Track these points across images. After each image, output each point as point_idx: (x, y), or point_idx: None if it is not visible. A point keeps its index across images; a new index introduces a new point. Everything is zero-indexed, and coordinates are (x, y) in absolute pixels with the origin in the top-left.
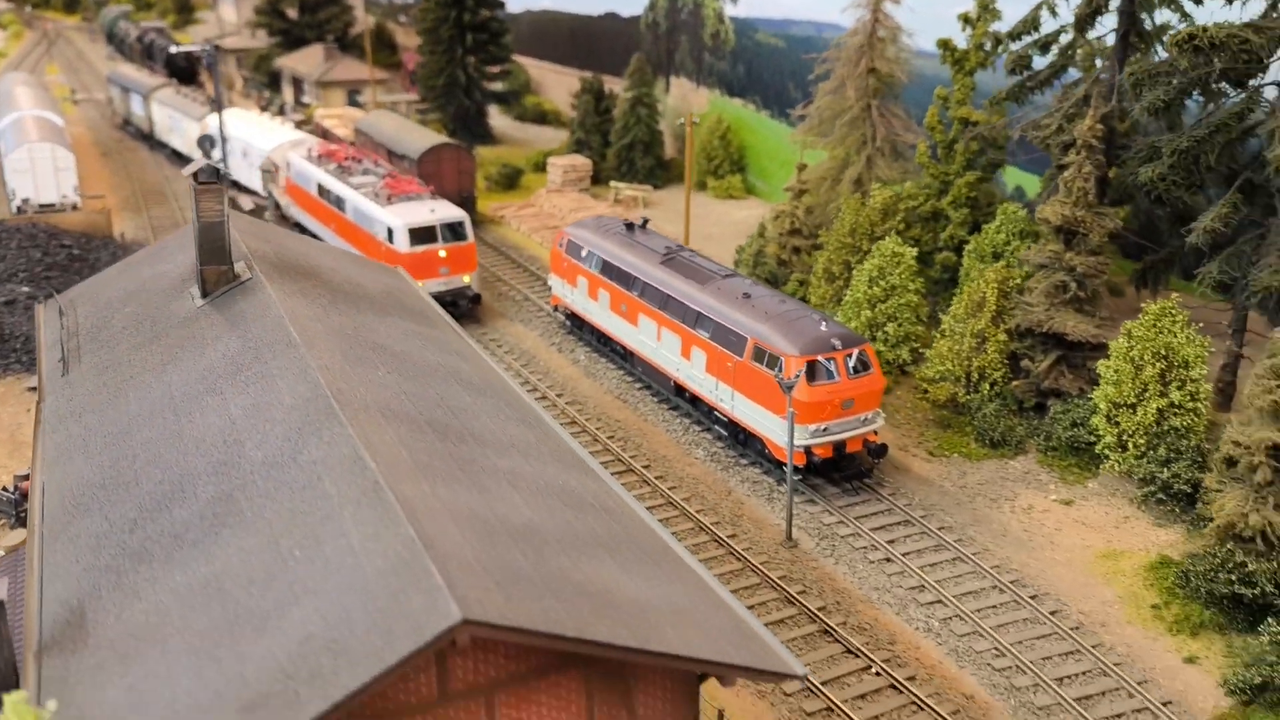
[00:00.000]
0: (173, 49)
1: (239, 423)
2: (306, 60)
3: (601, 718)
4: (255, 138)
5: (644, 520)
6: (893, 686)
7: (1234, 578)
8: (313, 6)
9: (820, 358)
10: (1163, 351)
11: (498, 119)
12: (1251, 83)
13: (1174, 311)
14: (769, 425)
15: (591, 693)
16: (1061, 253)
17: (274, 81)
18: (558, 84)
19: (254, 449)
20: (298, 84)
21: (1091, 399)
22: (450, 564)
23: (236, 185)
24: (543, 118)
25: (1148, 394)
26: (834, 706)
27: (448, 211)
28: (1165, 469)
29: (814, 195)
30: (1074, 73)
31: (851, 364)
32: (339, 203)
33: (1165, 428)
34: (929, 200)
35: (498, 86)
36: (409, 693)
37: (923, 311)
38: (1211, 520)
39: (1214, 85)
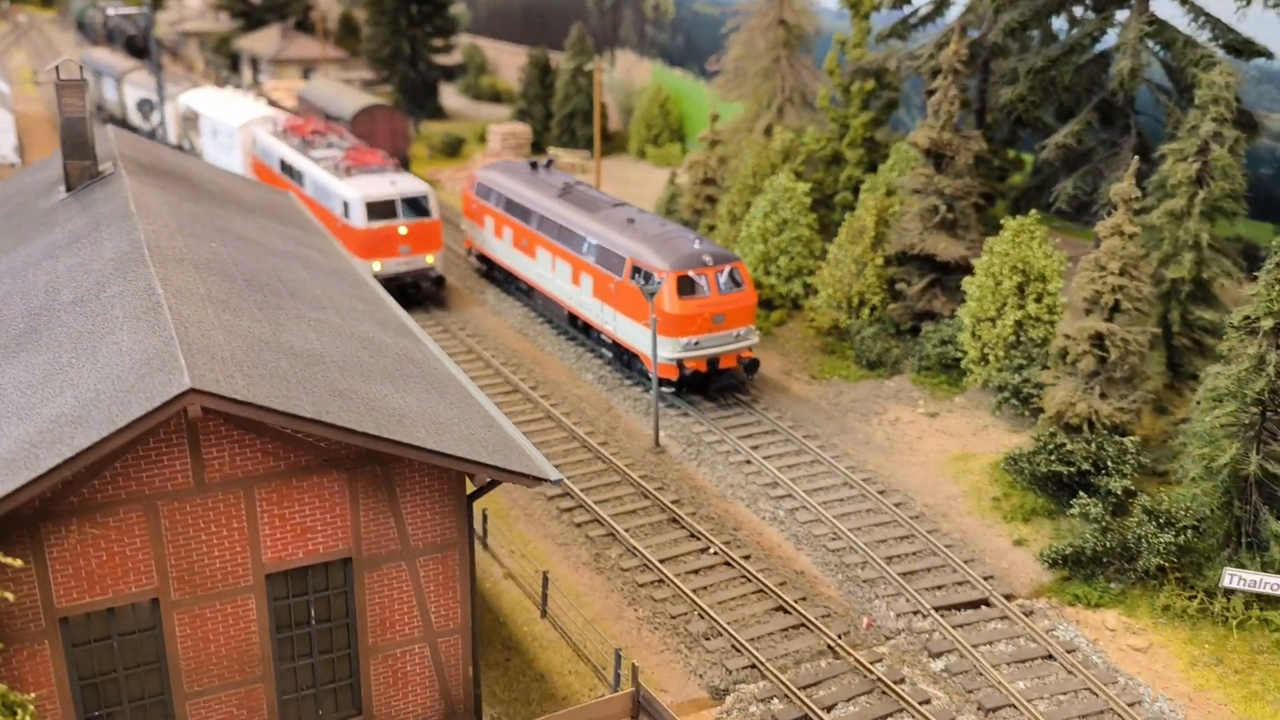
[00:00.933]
0: (121, 20)
1: (61, 276)
2: (264, 41)
3: (366, 520)
4: (225, 115)
5: (450, 372)
6: (726, 563)
7: (1054, 458)
8: None
9: (691, 273)
10: (1020, 266)
11: (454, 99)
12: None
13: (1032, 228)
14: (647, 342)
15: (356, 496)
16: (932, 176)
17: (235, 63)
18: (512, 64)
19: (67, 293)
20: (255, 63)
21: (959, 317)
22: (199, 355)
23: None
24: (496, 96)
25: (1007, 307)
26: (665, 579)
27: (410, 185)
28: (1017, 375)
29: (728, 146)
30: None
31: (723, 280)
32: (299, 178)
33: (1022, 339)
34: (829, 144)
35: (445, 60)
36: (164, 478)
37: (815, 246)
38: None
39: (1072, 8)
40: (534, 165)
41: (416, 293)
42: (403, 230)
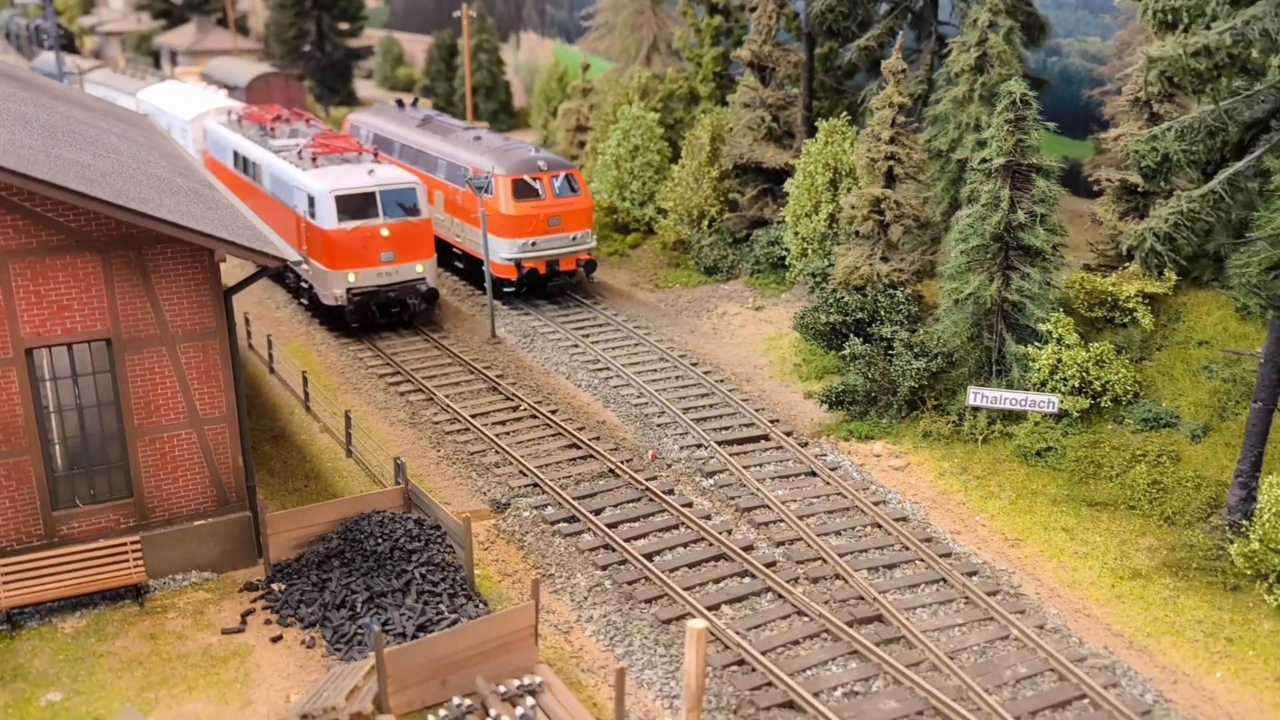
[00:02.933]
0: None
1: None
2: (181, 36)
3: (123, 303)
4: (177, 108)
5: (233, 203)
6: (533, 416)
7: (832, 310)
8: None
9: (526, 177)
10: (831, 163)
11: (371, 90)
12: None
13: (843, 129)
14: (490, 247)
15: (110, 278)
16: (757, 89)
17: (156, 59)
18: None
19: None
20: (174, 56)
21: (783, 217)
22: None
23: None
24: (411, 86)
25: (821, 202)
26: (471, 427)
27: (392, 175)
28: (826, 260)
29: (598, 95)
30: None
31: (558, 185)
32: (255, 172)
33: (835, 229)
34: (685, 82)
35: (353, 42)
36: None
37: (667, 172)
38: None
39: None
40: (400, 104)
41: (402, 312)
42: (384, 232)
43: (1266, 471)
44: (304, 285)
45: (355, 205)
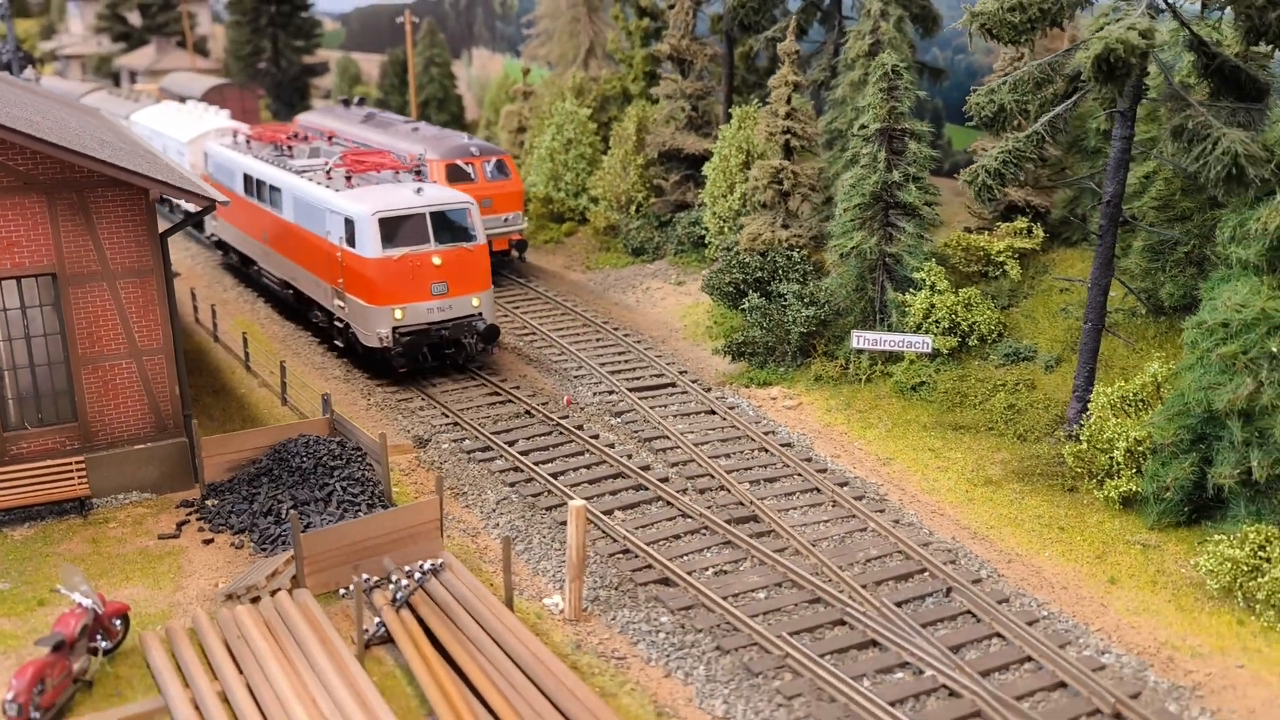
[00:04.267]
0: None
1: None
2: (140, 56)
3: (67, 241)
4: (173, 129)
5: (174, 168)
6: (459, 370)
7: (734, 270)
8: (153, 11)
9: (459, 161)
10: (744, 145)
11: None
12: None
13: (754, 114)
14: None
15: (56, 219)
16: (678, 81)
17: (116, 80)
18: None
19: None
20: (133, 76)
21: (702, 199)
22: None
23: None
24: (365, 103)
25: (735, 182)
26: (400, 381)
27: (443, 194)
28: (736, 233)
29: (538, 98)
30: None
31: (489, 169)
32: (273, 197)
33: (746, 208)
34: (619, 82)
35: (309, 59)
36: None
37: (599, 164)
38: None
39: None
40: (346, 102)
41: (456, 354)
42: (436, 260)
43: (1098, 384)
44: (337, 324)
45: (402, 230)
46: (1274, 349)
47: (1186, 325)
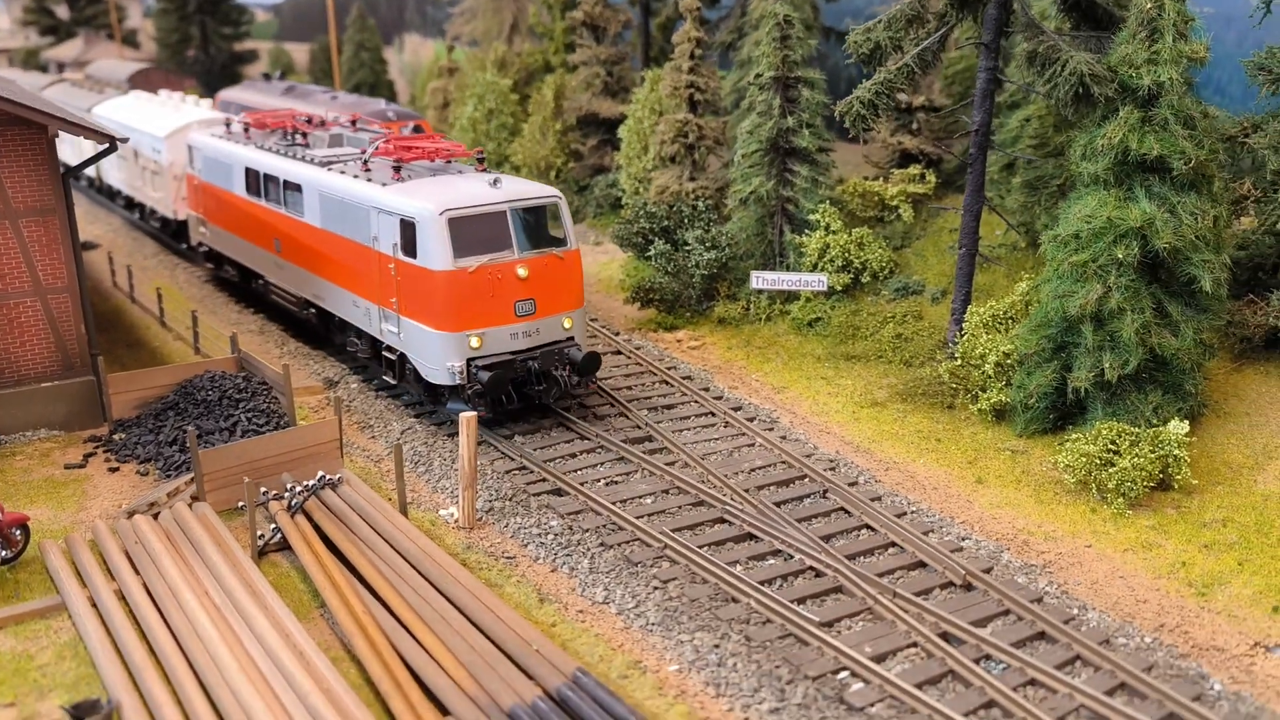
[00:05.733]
0: None
1: None
2: (68, 48)
3: None
4: (146, 123)
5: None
6: None
7: (642, 219)
8: (80, 4)
9: (376, 126)
10: (656, 107)
11: None
12: None
13: (663, 76)
14: None
15: None
16: (593, 47)
17: (45, 72)
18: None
19: None
20: (61, 68)
21: (620, 163)
22: None
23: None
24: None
25: (649, 143)
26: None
27: (525, 188)
28: (648, 190)
29: (463, 74)
30: None
31: (407, 133)
32: (288, 197)
33: (655, 161)
34: (540, 55)
35: (239, 46)
36: None
37: (519, 133)
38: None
39: None
40: (267, 76)
41: (546, 391)
42: (521, 272)
43: (972, 306)
44: (386, 354)
45: (477, 233)
46: (1120, 255)
47: (1044, 239)
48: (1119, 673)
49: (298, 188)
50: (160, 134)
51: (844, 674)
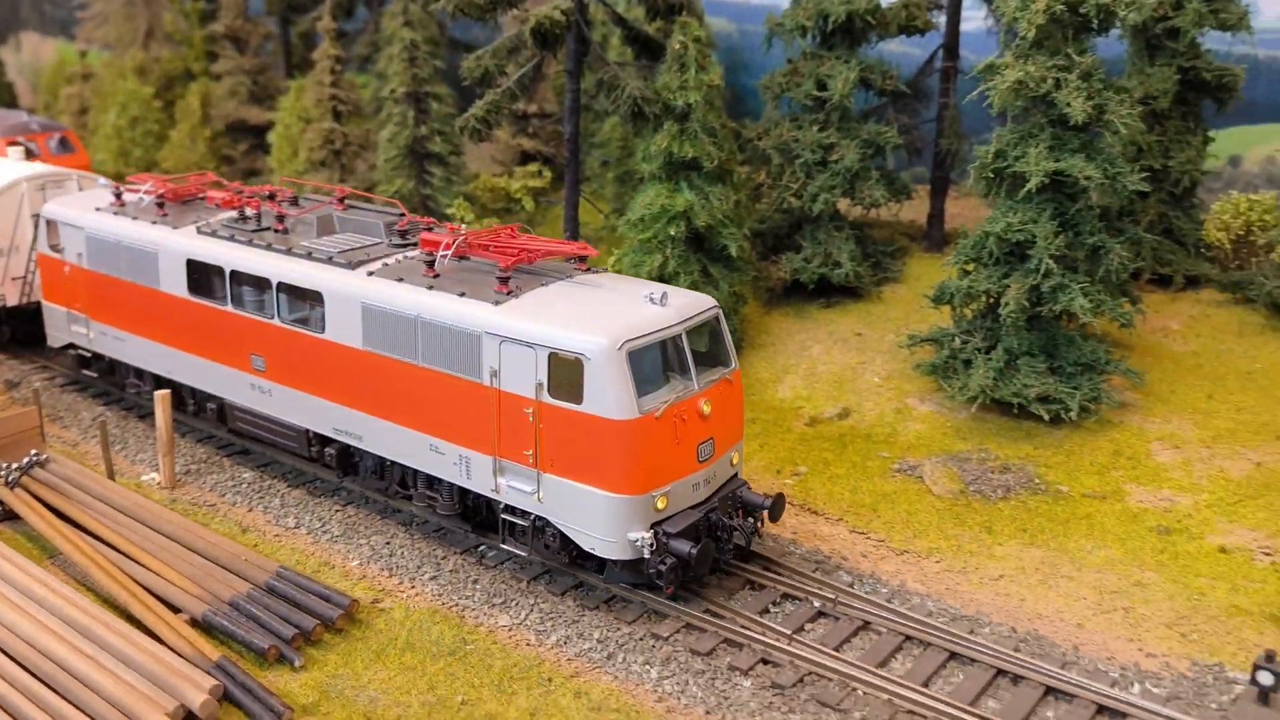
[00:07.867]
0: None
1: None
2: None
3: None
4: None
5: None
6: None
7: None
8: None
9: (20, 138)
10: (302, 114)
11: None
12: None
13: (307, 86)
14: None
15: None
16: (236, 58)
17: None
18: None
19: None
20: None
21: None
22: None
23: None
24: None
25: (299, 147)
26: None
27: (689, 300)
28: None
29: (99, 79)
30: None
31: (53, 145)
32: (289, 307)
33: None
34: (181, 62)
35: None
36: None
37: (167, 139)
38: None
39: None
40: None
41: (720, 549)
42: (705, 407)
43: None
44: (505, 517)
45: (656, 366)
46: (672, 232)
47: (620, 223)
48: None
49: (305, 294)
50: None
51: (481, 546)
